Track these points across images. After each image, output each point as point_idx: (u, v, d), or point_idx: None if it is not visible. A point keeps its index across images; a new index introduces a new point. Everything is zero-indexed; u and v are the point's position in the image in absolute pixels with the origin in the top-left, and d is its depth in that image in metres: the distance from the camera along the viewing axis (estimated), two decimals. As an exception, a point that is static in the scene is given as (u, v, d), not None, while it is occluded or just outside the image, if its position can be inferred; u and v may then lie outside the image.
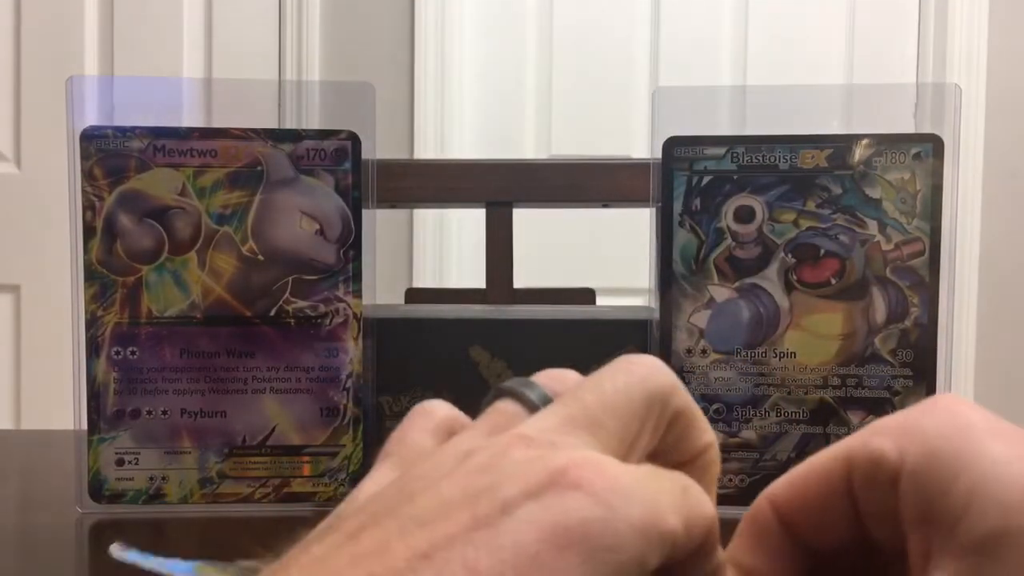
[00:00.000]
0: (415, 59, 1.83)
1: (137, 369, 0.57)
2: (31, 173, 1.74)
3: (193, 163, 0.57)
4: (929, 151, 0.57)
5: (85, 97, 0.58)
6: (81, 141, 0.57)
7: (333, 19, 1.83)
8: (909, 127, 0.58)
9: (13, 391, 1.77)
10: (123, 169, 0.57)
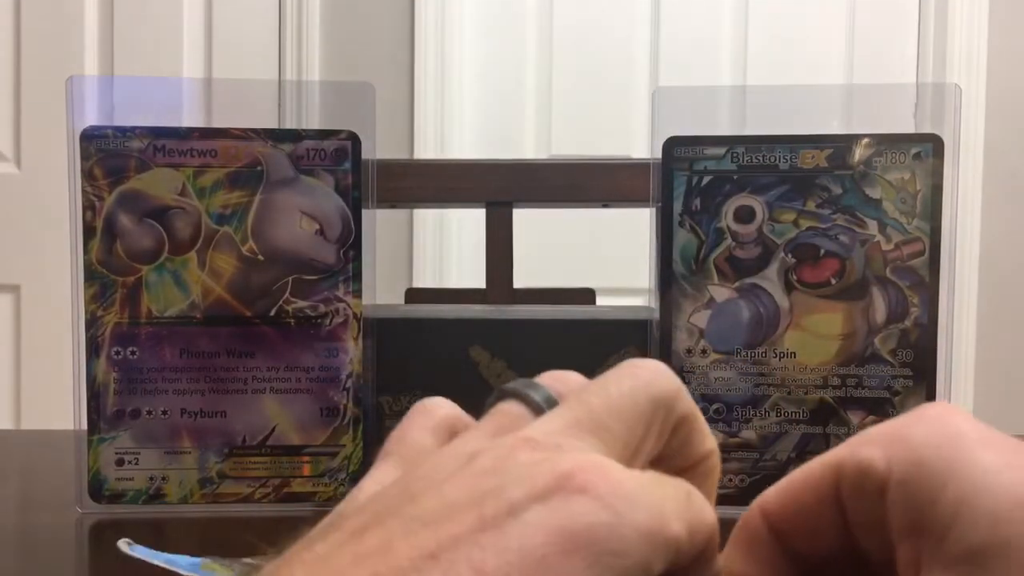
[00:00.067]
0: (415, 59, 1.83)
1: (137, 369, 0.57)
2: (31, 173, 1.74)
3: (193, 163, 0.57)
4: (929, 151, 0.57)
5: (85, 97, 0.58)
6: (81, 141, 0.57)
7: (333, 19, 1.83)
8: (909, 127, 0.58)
9: (13, 391, 1.77)
10: (123, 169, 0.57)
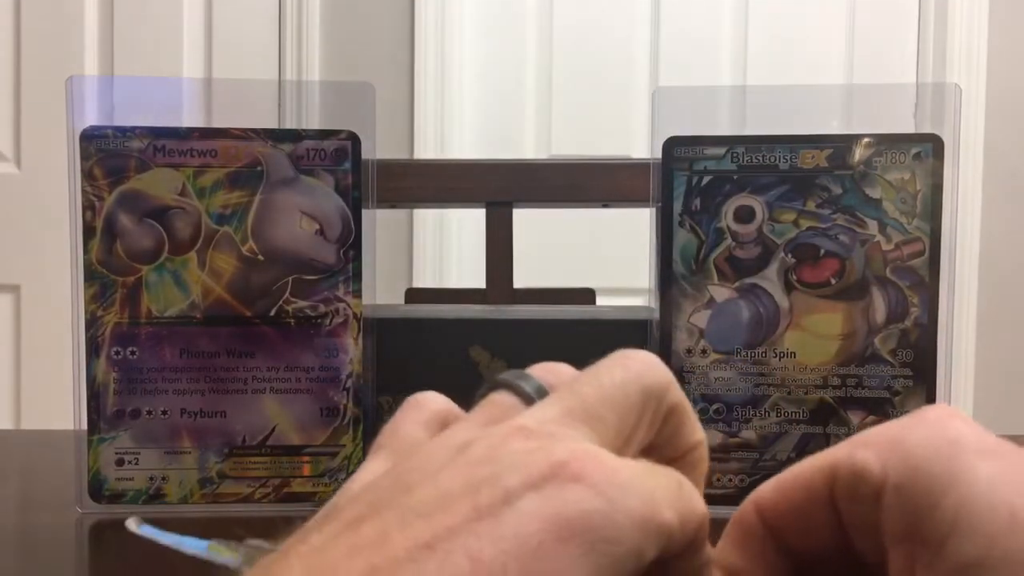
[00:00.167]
0: (415, 59, 1.83)
1: (137, 369, 0.57)
2: (31, 173, 1.75)
3: (193, 163, 0.57)
4: (929, 151, 0.57)
5: (85, 97, 0.58)
6: (81, 141, 0.57)
7: (333, 19, 1.83)
8: (909, 127, 0.58)
9: (13, 391, 1.77)
10: (123, 169, 0.57)
